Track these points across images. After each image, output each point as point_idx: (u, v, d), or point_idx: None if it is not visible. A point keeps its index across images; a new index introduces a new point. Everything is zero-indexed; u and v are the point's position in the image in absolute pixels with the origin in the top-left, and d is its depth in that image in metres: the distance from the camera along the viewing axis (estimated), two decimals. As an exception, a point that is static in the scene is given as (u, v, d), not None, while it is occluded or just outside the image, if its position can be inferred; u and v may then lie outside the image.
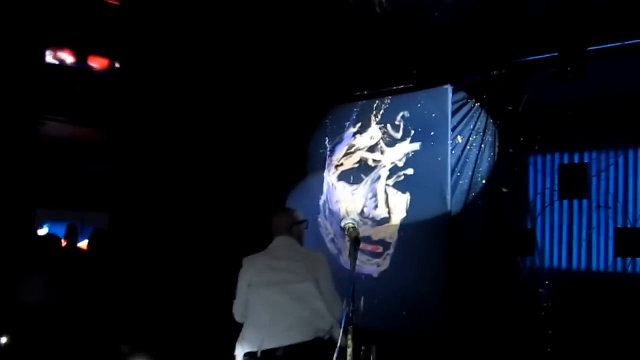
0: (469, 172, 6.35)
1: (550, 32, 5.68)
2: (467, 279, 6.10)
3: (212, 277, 6.94)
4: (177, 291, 7.36)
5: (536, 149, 6.08)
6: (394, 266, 6.76)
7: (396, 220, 6.79)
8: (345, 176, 7.42)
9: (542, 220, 6.03)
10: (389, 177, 6.91)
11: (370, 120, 7.20)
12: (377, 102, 7.15)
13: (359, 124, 7.32)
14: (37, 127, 7.38)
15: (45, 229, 9.25)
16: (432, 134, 6.58)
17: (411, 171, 6.71)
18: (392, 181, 6.88)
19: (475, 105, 6.44)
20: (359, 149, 7.30)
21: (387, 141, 6.99)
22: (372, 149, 7.15)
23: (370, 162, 7.15)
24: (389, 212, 6.88)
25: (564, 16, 5.53)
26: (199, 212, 7.84)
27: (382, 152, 7.04)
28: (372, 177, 7.10)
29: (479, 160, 6.31)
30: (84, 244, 7.89)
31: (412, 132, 6.75)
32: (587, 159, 5.83)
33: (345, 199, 7.38)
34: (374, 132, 7.16)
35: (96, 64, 6.94)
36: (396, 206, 6.81)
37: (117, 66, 6.93)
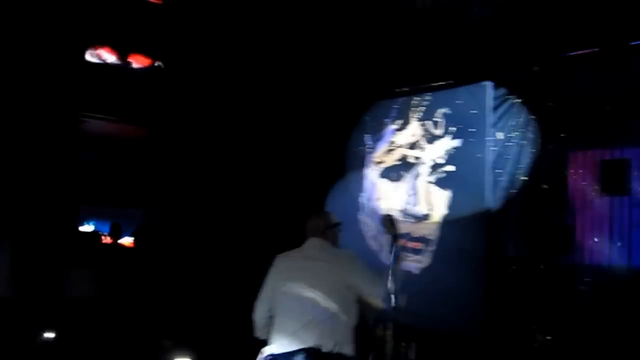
0: (509, 169, 6.31)
1: (592, 27, 5.62)
2: (506, 276, 6.07)
3: (250, 275, 7.05)
4: (216, 288, 7.47)
5: (577, 145, 6.00)
6: (434, 263, 6.78)
7: (437, 217, 6.81)
8: (386, 173, 7.46)
9: (583, 217, 5.96)
10: (429, 174, 6.93)
11: (410, 117, 7.23)
12: (417, 98, 7.17)
13: (400, 121, 7.36)
14: (79, 126, 7.46)
15: (91, 226, 9.57)
16: (471, 130, 6.57)
17: (452, 168, 6.72)
18: (433, 178, 6.89)
19: (516, 101, 6.40)
20: (400, 146, 7.33)
21: (428, 138, 7.01)
22: (413, 145, 7.17)
23: (411, 159, 7.18)
24: (429, 209, 6.90)
25: (606, 11, 5.47)
26: (239, 211, 7.89)
27: (422, 149, 7.06)
28: (413, 174, 7.13)
29: (519, 156, 6.28)
30: (126, 241, 8.15)
31: (453, 128, 6.75)
32: (629, 155, 5.74)
33: (386, 196, 7.42)
34: (414, 129, 7.18)
35: (137, 62, 7.11)
36: (437, 203, 6.82)
37: (157, 64, 7.07)
